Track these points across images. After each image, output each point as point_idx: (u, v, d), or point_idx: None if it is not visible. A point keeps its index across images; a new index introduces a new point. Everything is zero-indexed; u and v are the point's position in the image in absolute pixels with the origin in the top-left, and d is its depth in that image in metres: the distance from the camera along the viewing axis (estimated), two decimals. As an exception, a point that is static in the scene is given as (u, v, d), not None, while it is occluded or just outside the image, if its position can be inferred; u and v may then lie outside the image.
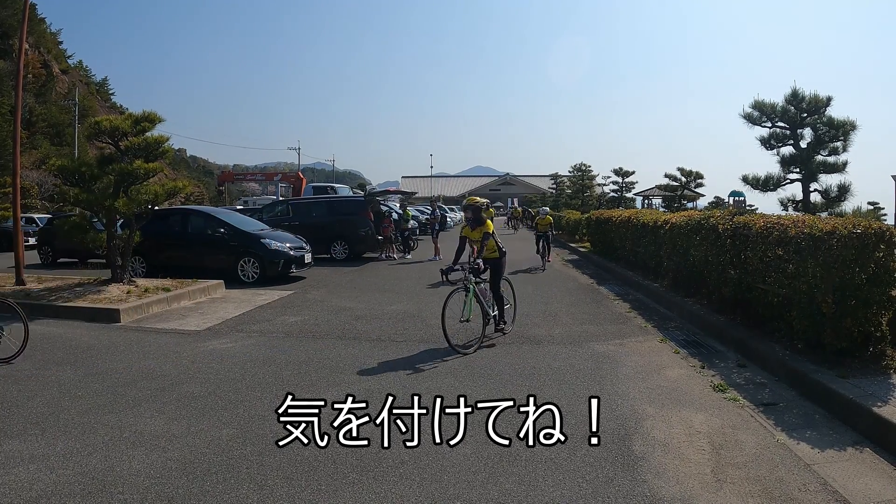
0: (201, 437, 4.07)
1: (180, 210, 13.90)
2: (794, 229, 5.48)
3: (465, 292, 6.37)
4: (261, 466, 3.60)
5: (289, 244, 12.32)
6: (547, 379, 5.33)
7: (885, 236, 4.85)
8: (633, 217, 12.36)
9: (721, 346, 6.48)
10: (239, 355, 6.30)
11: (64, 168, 9.76)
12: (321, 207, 17.59)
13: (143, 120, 10.07)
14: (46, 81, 55.80)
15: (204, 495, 3.26)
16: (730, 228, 7.02)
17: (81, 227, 9.90)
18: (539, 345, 6.69)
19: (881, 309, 4.97)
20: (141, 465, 3.62)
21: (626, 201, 31.78)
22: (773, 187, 12.00)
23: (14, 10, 46.84)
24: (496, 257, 6.83)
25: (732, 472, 3.52)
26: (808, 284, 5.08)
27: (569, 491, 3.29)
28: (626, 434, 4.06)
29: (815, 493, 3.26)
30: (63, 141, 50.31)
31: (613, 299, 9.82)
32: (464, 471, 3.52)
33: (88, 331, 7.54)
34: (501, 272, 6.91)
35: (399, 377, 5.39)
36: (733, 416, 4.43)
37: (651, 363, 5.90)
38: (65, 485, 3.38)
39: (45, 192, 34.99)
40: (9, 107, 38.88)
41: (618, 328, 7.57)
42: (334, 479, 3.44)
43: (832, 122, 11.40)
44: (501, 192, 65.87)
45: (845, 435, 4.03)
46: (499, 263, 6.87)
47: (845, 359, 4.96)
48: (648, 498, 3.22)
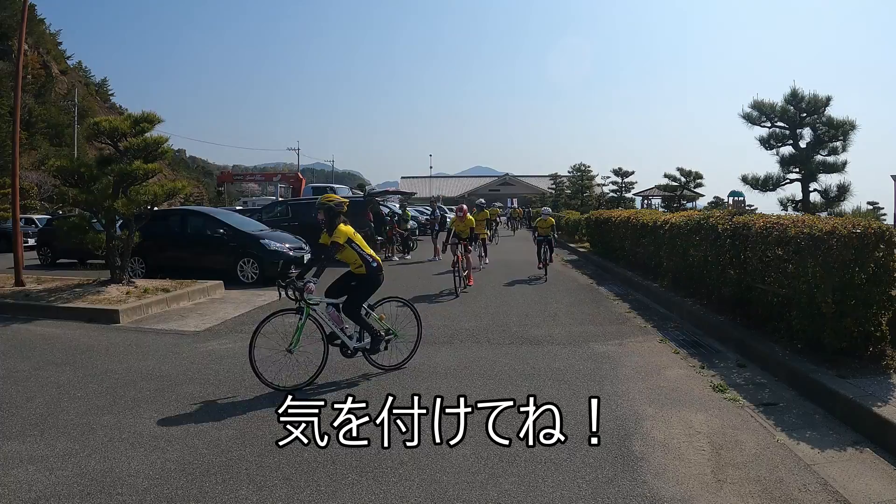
0: (200, 437, 4.07)
1: (179, 211, 13.90)
2: (793, 229, 5.48)
3: (298, 315, 5.17)
4: (260, 467, 3.60)
5: (288, 245, 12.31)
6: (547, 379, 5.33)
7: (884, 236, 4.85)
8: (632, 217, 12.36)
9: (721, 346, 6.47)
10: (238, 356, 6.28)
11: (63, 169, 9.75)
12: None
13: (143, 120, 10.07)
14: (46, 82, 55.82)
15: (203, 496, 3.26)
16: (729, 228, 7.02)
17: (81, 228, 9.89)
18: (539, 345, 6.69)
19: (881, 309, 4.97)
20: (140, 466, 3.62)
21: (625, 201, 31.77)
22: (772, 187, 12.02)
23: (13, 11, 46.85)
24: (363, 273, 5.41)
25: (732, 472, 3.52)
26: (808, 284, 5.08)
27: (568, 491, 3.28)
28: (626, 434, 4.06)
29: (815, 494, 3.26)
30: (62, 141, 50.34)
31: (613, 299, 9.82)
32: (464, 471, 3.51)
33: (88, 332, 7.54)
34: (366, 291, 5.44)
35: (399, 377, 5.38)
36: (733, 416, 4.42)
37: (651, 363, 5.89)
38: (64, 486, 3.37)
39: (44, 193, 34.98)
40: (8, 107, 38.89)
41: (617, 328, 7.57)
42: (333, 479, 3.44)
43: (832, 122, 11.42)
44: (501, 192, 65.82)
45: (845, 435, 4.03)
46: (365, 281, 5.42)
47: (845, 359, 4.96)
48: (648, 498, 3.22)
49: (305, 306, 5.13)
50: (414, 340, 5.76)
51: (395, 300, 5.82)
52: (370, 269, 5.38)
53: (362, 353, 5.40)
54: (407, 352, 5.69)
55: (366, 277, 5.41)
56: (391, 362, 5.57)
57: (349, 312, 5.33)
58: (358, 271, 5.41)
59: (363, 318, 5.39)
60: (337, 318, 5.33)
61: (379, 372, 5.51)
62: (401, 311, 5.78)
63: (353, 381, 5.28)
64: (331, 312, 5.34)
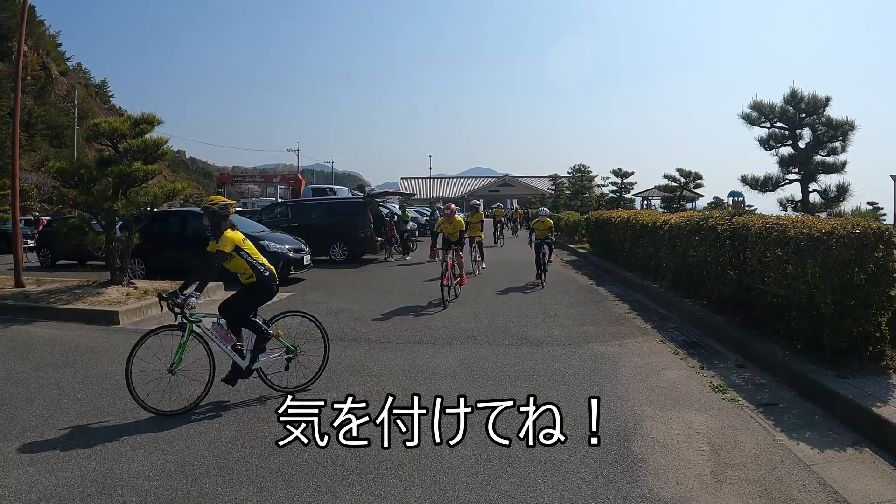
0: (200, 438, 4.07)
1: (179, 212, 13.90)
2: (793, 230, 5.48)
3: (180, 332, 4.69)
4: (260, 468, 3.60)
5: (288, 246, 12.31)
6: (546, 380, 5.33)
7: (883, 236, 4.85)
8: (632, 218, 12.36)
9: (720, 346, 6.48)
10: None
11: (63, 170, 9.76)
12: (320, 209, 17.58)
13: (142, 122, 10.07)
14: (45, 83, 55.86)
15: (203, 497, 3.26)
16: (729, 229, 7.02)
17: (80, 229, 9.89)
18: (538, 346, 6.69)
19: (880, 309, 4.98)
20: (140, 467, 3.62)
21: (625, 202, 31.74)
22: (772, 188, 12.04)
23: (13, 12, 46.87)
24: (253, 282, 4.85)
25: (732, 472, 3.52)
26: (808, 285, 5.09)
27: (568, 492, 3.29)
28: (626, 435, 4.06)
29: (814, 494, 3.26)
30: (62, 143, 50.36)
31: (613, 300, 9.83)
32: (463, 472, 3.52)
33: (87, 333, 7.53)
34: (253, 303, 4.92)
35: (399, 378, 5.39)
36: (733, 416, 4.43)
37: (650, 364, 5.90)
38: (64, 487, 3.37)
39: (44, 194, 34.97)
40: (8, 109, 38.90)
41: (617, 329, 7.57)
42: (333, 480, 3.44)
43: (831, 123, 11.43)
44: (501, 193, 65.88)
45: (845, 435, 4.03)
46: (254, 291, 4.89)
47: (845, 359, 4.96)
48: (648, 499, 3.22)
49: (188, 323, 4.64)
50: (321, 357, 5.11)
51: (298, 314, 5.21)
52: (261, 279, 4.83)
53: (258, 373, 4.89)
54: (311, 373, 5.06)
55: (254, 287, 4.86)
56: (291, 384, 4.95)
57: (235, 324, 4.83)
58: (248, 281, 4.86)
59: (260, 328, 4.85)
60: (226, 335, 4.80)
61: (380, 371, 5.48)
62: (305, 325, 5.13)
63: (352, 382, 5.27)
64: (218, 329, 4.80)
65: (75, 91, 56.07)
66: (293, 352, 5.00)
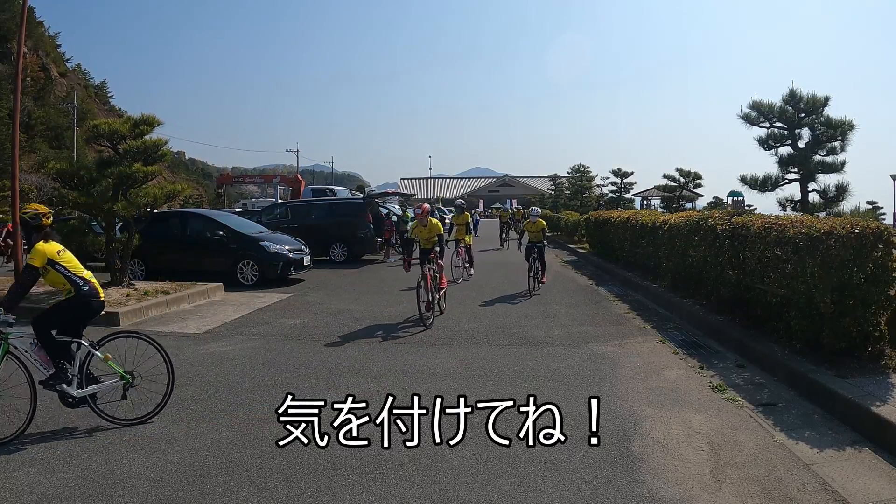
0: (201, 439, 4.08)
1: (179, 213, 13.91)
2: (792, 229, 5.49)
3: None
4: (260, 469, 3.61)
5: (288, 247, 12.32)
6: (546, 380, 5.34)
7: (883, 236, 4.86)
8: (631, 218, 12.37)
9: (720, 346, 6.49)
10: (238, 358, 6.30)
11: (63, 171, 9.77)
12: (320, 210, 17.60)
13: (142, 123, 10.09)
14: (45, 84, 55.83)
15: (203, 498, 3.27)
16: (728, 229, 7.03)
17: (80, 231, 9.90)
18: (538, 346, 6.70)
19: (879, 309, 4.98)
20: (141, 468, 3.63)
21: (624, 202, 31.76)
22: (771, 187, 12.03)
23: (13, 13, 46.87)
24: (71, 297, 4.34)
25: (731, 472, 3.53)
26: (807, 284, 5.09)
27: (568, 492, 3.30)
28: (626, 435, 4.07)
29: (813, 493, 3.27)
30: (62, 144, 50.33)
31: (612, 300, 9.83)
32: (463, 472, 3.53)
33: (87, 334, 7.51)
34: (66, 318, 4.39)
35: (399, 378, 5.39)
36: (732, 416, 4.44)
37: (650, 364, 5.91)
38: (65, 488, 3.38)
39: (43, 196, 34.95)
40: (7, 110, 38.89)
41: (617, 329, 7.58)
42: (333, 481, 3.44)
43: (830, 122, 11.43)
44: (500, 193, 65.95)
45: (844, 435, 4.04)
46: (70, 305, 4.36)
47: (844, 359, 4.97)
48: (648, 499, 3.23)
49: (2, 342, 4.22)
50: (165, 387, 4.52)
51: (134, 335, 4.73)
52: (79, 293, 4.30)
53: (88, 401, 4.34)
54: (154, 404, 4.48)
55: (71, 302, 4.34)
56: (129, 415, 4.39)
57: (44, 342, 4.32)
58: (68, 296, 4.37)
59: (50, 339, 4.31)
60: (46, 358, 4.31)
61: (381, 371, 5.49)
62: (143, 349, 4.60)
63: (352, 383, 5.27)
64: (36, 350, 4.32)
65: (75, 92, 56.07)
66: (126, 379, 4.40)
